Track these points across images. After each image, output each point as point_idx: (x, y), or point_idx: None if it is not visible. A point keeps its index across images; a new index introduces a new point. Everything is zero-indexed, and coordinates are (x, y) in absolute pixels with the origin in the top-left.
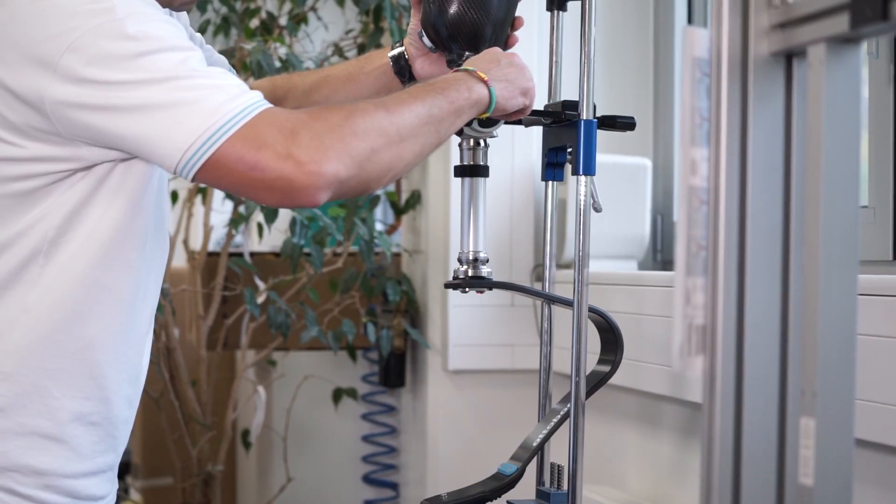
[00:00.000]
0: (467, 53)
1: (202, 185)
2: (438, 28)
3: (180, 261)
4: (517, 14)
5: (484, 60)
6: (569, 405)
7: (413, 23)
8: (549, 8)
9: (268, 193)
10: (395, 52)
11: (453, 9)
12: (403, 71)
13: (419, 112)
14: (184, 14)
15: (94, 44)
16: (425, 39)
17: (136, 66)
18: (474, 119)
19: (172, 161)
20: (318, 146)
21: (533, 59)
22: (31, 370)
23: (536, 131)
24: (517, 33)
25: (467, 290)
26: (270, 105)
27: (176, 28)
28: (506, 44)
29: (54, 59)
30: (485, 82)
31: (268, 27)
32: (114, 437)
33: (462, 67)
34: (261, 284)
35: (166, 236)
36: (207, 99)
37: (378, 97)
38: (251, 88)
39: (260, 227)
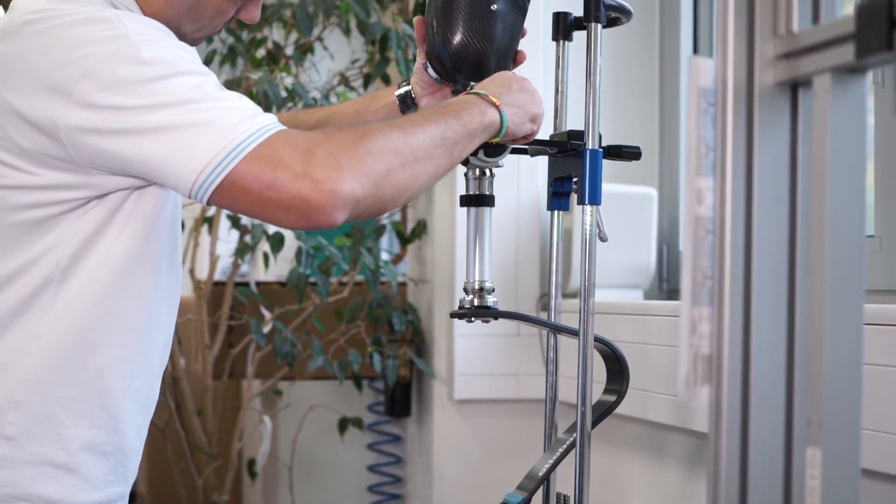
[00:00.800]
0: (472, 84)
1: (208, 215)
2: (443, 58)
3: (186, 290)
4: (521, 47)
5: (495, 84)
6: (575, 435)
7: (419, 59)
8: (555, 38)
9: (284, 213)
10: (402, 90)
11: (457, 39)
12: (409, 109)
13: (433, 133)
14: (194, 48)
15: (108, 70)
16: (430, 70)
17: (151, 90)
18: (480, 149)
19: (188, 183)
20: (334, 165)
21: (538, 89)
22: (42, 399)
23: (542, 161)
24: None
25: (473, 319)
26: (283, 127)
27: (190, 53)
28: None
29: (69, 86)
30: (496, 107)
31: (274, 57)
32: (125, 466)
33: (473, 91)
34: (267, 314)
35: (180, 265)
36: (222, 120)
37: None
38: None
39: (266, 256)
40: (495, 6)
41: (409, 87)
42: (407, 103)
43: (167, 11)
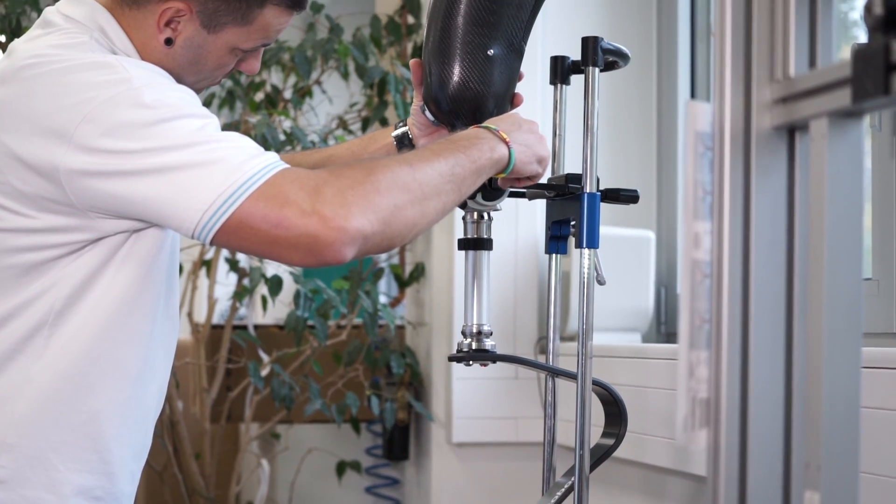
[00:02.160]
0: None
1: (206, 258)
2: (440, 102)
3: (184, 333)
4: (518, 90)
5: (506, 122)
6: (573, 478)
7: (416, 101)
8: (553, 81)
9: (292, 251)
10: (399, 131)
11: (454, 83)
12: (406, 150)
13: (442, 169)
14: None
15: (110, 114)
16: (427, 113)
17: (153, 133)
18: (478, 192)
19: (191, 223)
20: (342, 202)
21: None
22: (34, 442)
23: (540, 204)
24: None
25: (471, 363)
26: (287, 166)
27: (191, 96)
28: None
29: (70, 130)
30: (506, 143)
31: (272, 100)
32: None
33: (483, 125)
34: (265, 357)
35: (176, 310)
36: (226, 160)
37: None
38: None
39: (264, 299)
40: (492, 51)
41: (406, 127)
42: (404, 144)
43: (168, 63)
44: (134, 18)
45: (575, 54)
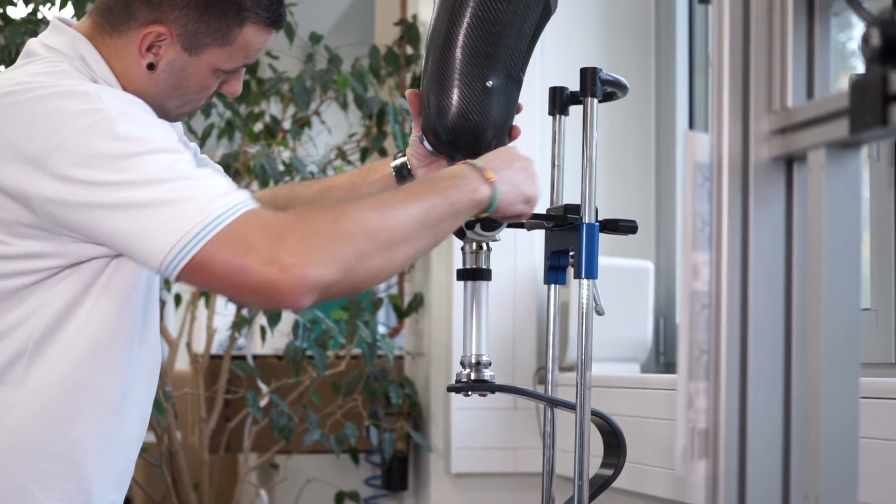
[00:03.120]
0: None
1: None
2: (438, 133)
3: (183, 363)
4: (518, 121)
5: (498, 158)
6: None
7: (414, 132)
8: (551, 112)
9: (253, 296)
10: (398, 161)
11: (453, 113)
12: (406, 181)
13: (415, 215)
14: (178, 123)
15: (83, 144)
16: (426, 143)
17: (125, 166)
18: (477, 223)
19: (156, 260)
20: (303, 250)
21: (535, 163)
22: (14, 471)
23: (539, 235)
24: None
25: (470, 393)
26: (257, 206)
27: (166, 131)
28: None
29: (43, 158)
30: (490, 183)
31: (271, 131)
32: None
33: (472, 161)
34: (263, 387)
35: (156, 338)
36: (193, 200)
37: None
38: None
39: (263, 329)
40: (491, 82)
41: (405, 158)
42: (403, 175)
43: (150, 89)
44: (115, 46)
45: (574, 85)
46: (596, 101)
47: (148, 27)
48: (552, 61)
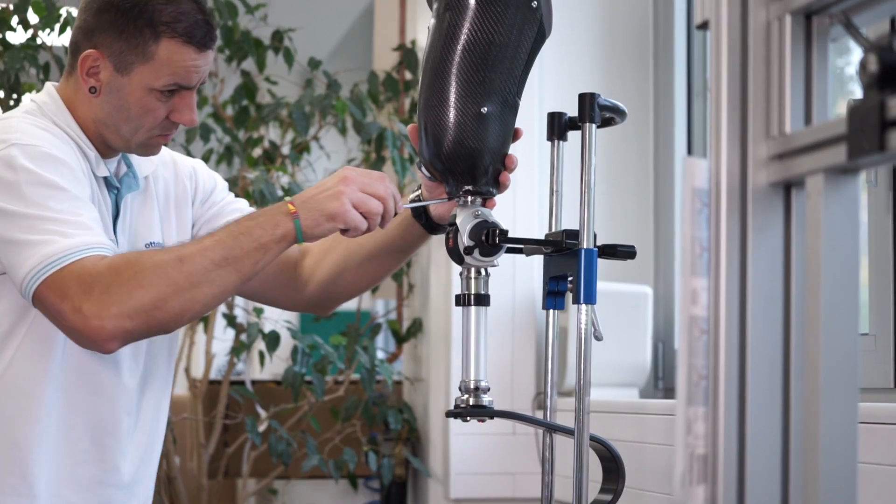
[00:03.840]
0: (467, 188)
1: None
2: (434, 160)
3: (182, 389)
4: (516, 147)
5: (314, 188)
6: None
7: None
8: (550, 138)
9: (71, 336)
10: (414, 194)
11: (448, 141)
12: (420, 213)
13: (214, 256)
14: (162, 156)
15: None
16: (423, 170)
17: (10, 194)
18: (475, 248)
19: (19, 287)
20: (105, 301)
21: (534, 188)
22: None
23: (537, 260)
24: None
25: (469, 418)
26: (91, 252)
27: (65, 167)
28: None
29: None
30: (292, 214)
31: (270, 156)
32: None
33: (289, 198)
34: (262, 413)
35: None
36: (46, 243)
37: (391, 247)
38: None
39: (261, 355)
40: (485, 108)
41: (419, 191)
42: (418, 211)
43: (100, 114)
44: (74, 82)
45: (572, 111)
46: (594, 126)
47: (83, 52)
48: (551, 87)
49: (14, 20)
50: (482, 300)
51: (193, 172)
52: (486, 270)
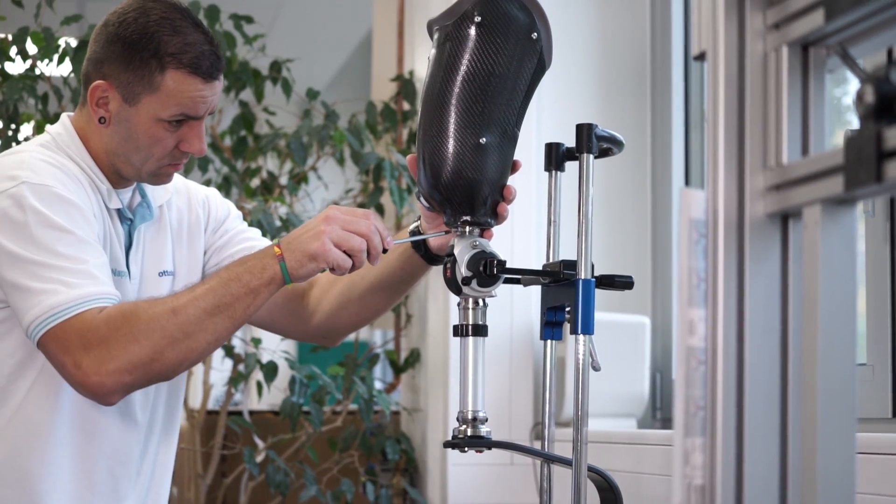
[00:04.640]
0: (465, 218)
1: None
2: (432, 190)
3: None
4: (515, 177)
5: (299, 228)
6: None
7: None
8: (547, 168)
9: (74, 388)
10: (413, 226)
11: (447, 171)
12: (419, 244)
13: (206, 305)
14: (176, 184)
15: None
16: (422, 200)
17: (19, 236)
18: (473, 279)
19: (27, 331)
20: (104, 357)
21: (531, 219)
22: None
23: (535, 290)
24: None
25: (466, 449)
26: (93, 304)
27: (73, 207)
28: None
29: None
30: (277, 256)
31: (268, 187)
32: None
33: (276, 240)
34: (260, 443)
35: None
36: (50, 292)
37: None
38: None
39: (259, 385)
40: (484, 139)
41: (419, 223)
42: (418, 245)
43: (110, 144)
44: (86, 113)
45: (569, 141)
46: (592, 157)
47: (93, 82)
48: (548, 117)
49: (13, 51)
50: (480, 331)
51: (206, 200)
52: (483, 301)
